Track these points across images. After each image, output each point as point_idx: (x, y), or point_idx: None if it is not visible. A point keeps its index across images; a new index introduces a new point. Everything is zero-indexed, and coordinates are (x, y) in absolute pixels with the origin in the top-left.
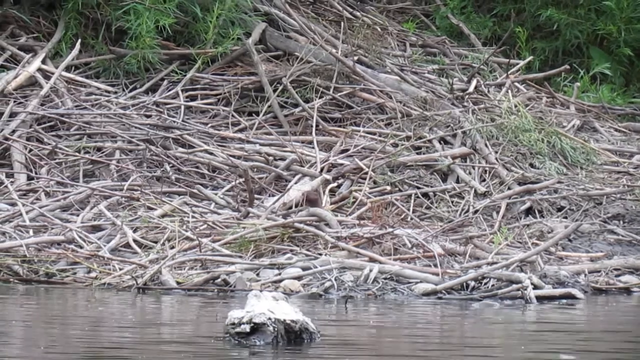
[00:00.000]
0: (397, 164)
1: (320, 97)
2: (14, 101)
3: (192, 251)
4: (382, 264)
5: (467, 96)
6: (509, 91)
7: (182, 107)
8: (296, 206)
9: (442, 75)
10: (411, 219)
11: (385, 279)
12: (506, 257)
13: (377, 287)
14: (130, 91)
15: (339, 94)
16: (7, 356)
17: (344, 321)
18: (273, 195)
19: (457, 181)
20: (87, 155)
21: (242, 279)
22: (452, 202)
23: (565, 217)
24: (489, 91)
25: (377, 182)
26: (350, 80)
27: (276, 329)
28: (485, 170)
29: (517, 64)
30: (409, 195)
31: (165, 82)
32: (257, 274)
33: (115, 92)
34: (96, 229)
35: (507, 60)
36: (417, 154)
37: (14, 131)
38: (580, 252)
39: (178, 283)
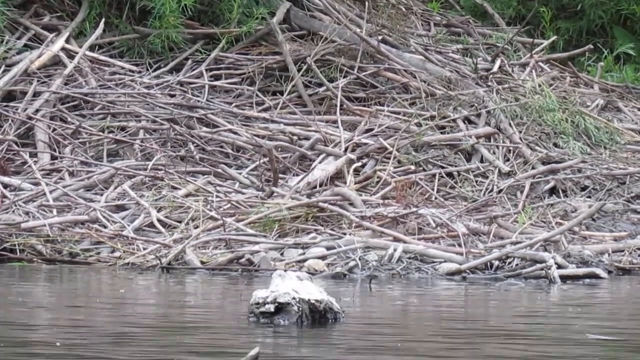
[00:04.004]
0: (421, 143)
1: (345, 77)
2: (38, 80)
3: (216, 231)
4: (407, 244)
5: (491, 76)
6: (533, 71)
7: (207, 86)
8: (320, 186)
9: (466, 54)
10: (435, 198)
11: (409, 258)
12: (530, 237)
13: (401, 267)
14: (154, 71)
15: (363, 73)
16: (31, 335)
17: (369, 301)
18: (297, 175)
19: (481, 161)
20: (111, 135)
21: (266, 258)
22: (476, 181)
23: (589, 197)
24: (513, 71)
25: (402, 162)
26: (375, 60)
27: (300, 309)
28: (509, 150)
29: (541, 43)
30: (433, 175)
31: (190, 61)
32: (282, 254)
33: (139, 72)
34: (120, 208)
35: (531, 40)
36: (441, 133)
37: (37, 110)
38: (604, 231)
39: (202, 263)
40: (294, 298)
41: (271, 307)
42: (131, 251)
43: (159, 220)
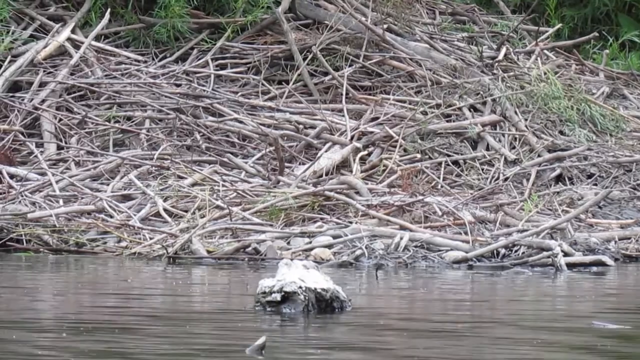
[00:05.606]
0: (427, 131)
1: (350, 65)
2: (44, 71)
3: (222, 220)
4: (413, 232)
5: (496, 64)
6: (539, 59)
7: (212, 76)
8: (326, 174)
9: (471, 43)
10: (441, 186)
11: (415, 246)
12: (536, 225)
13: (407, 255)
14: (160, 60)
15: (369, 62)
16: (38, 324)
17: (375, 290)
18: (303, 164)
19: (487, 149)
20: (117, 125)
21: (272, 247)
22: (482, 169)
23: (595, 184)
24: (518, 59)
25: (408, 150)
26: (380, 49)
27: (307, 298)
28: (515, 138)
29: (547, 31)
30: (439, 163)
31: (195, 51)
32: (288, 243)
33: (145, 62)
34: (126, 198)
35: (537, 27)
36: (447, 121)
37: (43, 101)
38: (610, 219)
39: (208, 252)
40: (300, 287)
41: (277, 296)
42: (137, 241)
43: (165, 210)
